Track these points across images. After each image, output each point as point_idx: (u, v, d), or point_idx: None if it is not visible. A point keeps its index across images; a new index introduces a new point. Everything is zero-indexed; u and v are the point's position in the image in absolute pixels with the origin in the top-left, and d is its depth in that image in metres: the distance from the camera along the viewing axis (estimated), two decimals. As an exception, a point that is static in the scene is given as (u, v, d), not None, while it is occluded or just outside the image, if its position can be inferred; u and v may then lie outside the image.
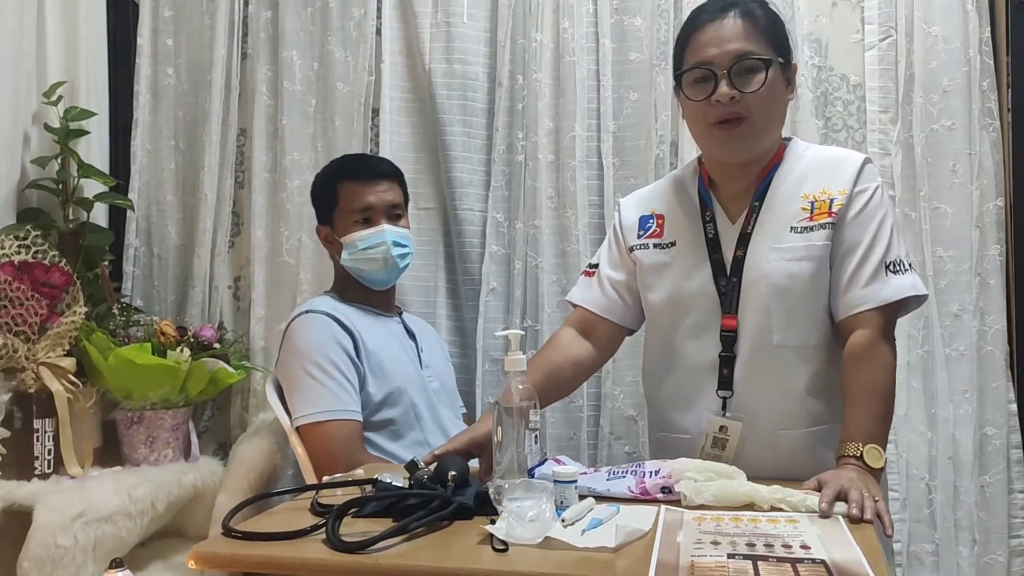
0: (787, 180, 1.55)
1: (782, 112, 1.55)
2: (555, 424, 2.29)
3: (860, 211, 1.50)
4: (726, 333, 1.54)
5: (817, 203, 1.51)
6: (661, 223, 1.65)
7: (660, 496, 1.31)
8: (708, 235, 1.58)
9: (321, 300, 1.99)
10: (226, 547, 1.13)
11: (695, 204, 1.62)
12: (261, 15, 2.50)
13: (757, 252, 1.52)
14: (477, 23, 2.41)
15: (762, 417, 1.52)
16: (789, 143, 1.61)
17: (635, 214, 1.69)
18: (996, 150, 2.18)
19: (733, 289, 1.53)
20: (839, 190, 1.51)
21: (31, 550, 1.69)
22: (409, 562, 1.05)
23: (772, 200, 1.54)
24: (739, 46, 1.47)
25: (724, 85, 1.47)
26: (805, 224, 1.51)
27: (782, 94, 1.53)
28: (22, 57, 2.19)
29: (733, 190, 1.58)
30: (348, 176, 2.03)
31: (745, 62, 1.47)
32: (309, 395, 1.82)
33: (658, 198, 1.69)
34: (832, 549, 1.03)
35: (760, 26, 1.49)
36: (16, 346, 1.89)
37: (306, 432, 1.82)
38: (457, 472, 1.29)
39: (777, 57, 1.49)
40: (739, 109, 1.47)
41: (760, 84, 1.46)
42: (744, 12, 1.49)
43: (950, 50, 2.19)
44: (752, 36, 1.48)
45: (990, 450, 2.15)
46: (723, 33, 1.49)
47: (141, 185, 2.53)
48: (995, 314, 2.16)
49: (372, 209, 1.99)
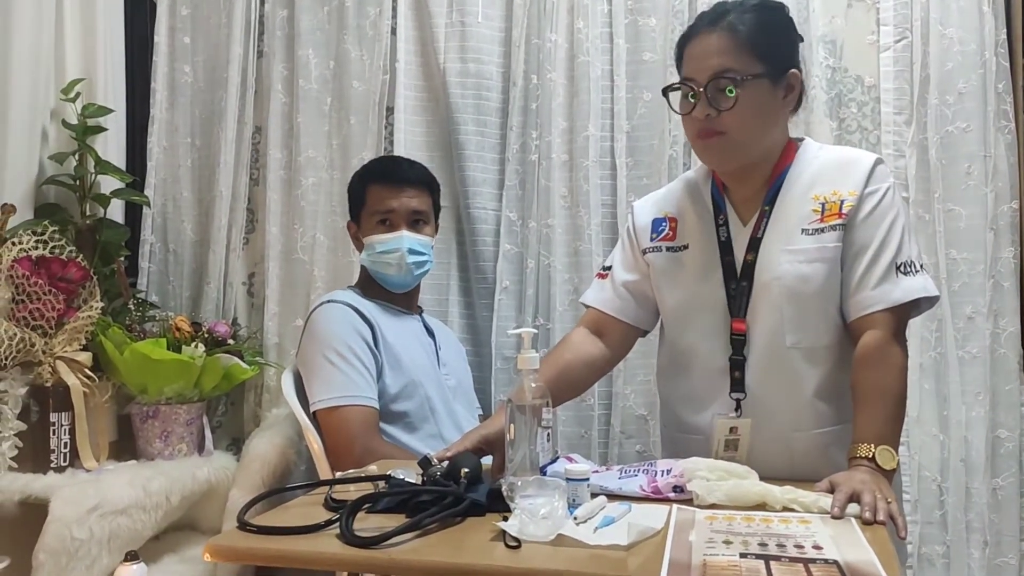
0: (798, 182, 1.55)
1: (772, 121, 1.53)
2: (566, 422, 2.29)
3: (871, 212, 1.49)
4: (736, 336, 1.53)
5: (828, 204, 1.51)
6: (674, 226, 1.65)
7: (672, 495, 1.31)
8: (720, 238, 1.58)
9: (343, 292, 2.02)
10: (241, 541, 1.14)
11: (708, 207, 1.62)
12: (277, 14, 2.52)
13: (768, 255, 1.52)
14: (492, 23, 2.42)
15: (776, 419, 1.52)
16: (801, 144, 1.60)
17: (648, 217, 1.69)
18: (1011, 152, 2.17)
19: (743, 293, 1.53)
20: (850, 191, 1.50)
21: (47, 542, 1.71)
22: (422, 558, 1.05)
23: (783, 202, 1.54)
24: (717, 63, 1.46)
25: (700, 103, 1.48)
26: (816, 226, 1.50)
27: (769, 104, 1.50)
28: (41, 54, 2.21)
29: (744, 193, 1.58)
30: (377, 178, 2.04)
31: (721, 80, 1.46)
32: (327, 380, 1.85)
33: (671, 201, 1.69)
34: (845, 550, 1.03)
35: (742, 40, 1.47)
36: (33, 340, 1.91)
37: (323, 416, 1.84)
38: (470, 469, 1.29)
39: (764, 69, 1.47)
40: (715, 125, 1.48)
41: (733, 103, 1.46)
42: (731, 25, 1.48)
43: (966, 52, 2.19)
44: (733, 51, 1.47)
45: (1003, 453, 2.14)
46: (705, 49, 1.49)
47: (157, 182, 2.56)
48: (1009, 316, 2.16)
49: (393, 213, 2.00)
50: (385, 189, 2.01)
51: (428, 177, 2.10)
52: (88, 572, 1.74)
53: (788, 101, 1.54)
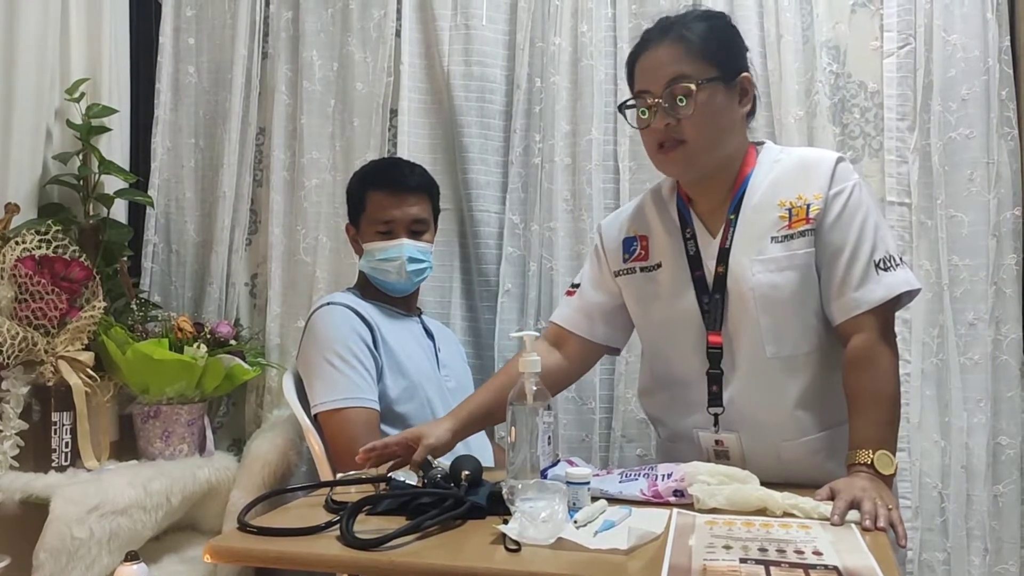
0: (760, 188, 1.53)
1: (730, 125, 1.52)
2: (567, 426, 2.29)
3: (840, 213, 1.48)
4: (712, 350, 1.53)
5: (794, 210, 1.49)
6: (645, 244, 1.64)
7: (672, 499, 1.31)
8: (689, 252, 1.57)
9: (343, 295, 2.01)
10: (241, 542, 1.14)
11: (675, 222, 1.61)
12: (282, 15, 2.52)
13: (739, 266, 1.51)
14: (496, 26, 2.42)
15: (761, 430, 1.52)
16: (762, 148, 1.59)
17: (618, 237, 1.68)
18: (1014, 159, 2.17)
19: (716, 306, 1.52)
20: (814, 194, 1.49)
21: (47, 541, 1.71)
22: (422, 560, 1.06)
23: (747, 210, 1.53)
24: (672, 71, 1.47)
25: (659, 113, 1.48)
26: (785, 233, 1.49)
27: (726, 108, 1.50)
28: (46, 54, 2.21)
29: (709, 204, 1.57)
30: (378, 185, 2.01)
31: (677, 87, 1.46)
32: (328, 383, 1.85)
33: (640, 219, 1.68)
34: (845, 556, 1.04)
35: (695, 47, 1.47)
36: (36, 339, 1.91)
37: (324, 419, 1.84)
38: (470, 472, 1.30)
39: (717, 73, 1.47)
40: (675, 134, 1.48)
41: (692, 108, 1.46)
42: (679, 35, 1.49)
43: (969, 58, 2.19)
44: (685, 58, 1.47)
45: (1004, 460, 2.14)
46: (656, 60, 1.49)
47: (161, 182, 2.57)
48: (1010, 323, 2.15)
49: (394, 223, 1.98)
50: (386, 197, 1.99)
51: (428, 182, 2.08)
52: (88, 572, 1.74)
53: (744, 104, 1.54)
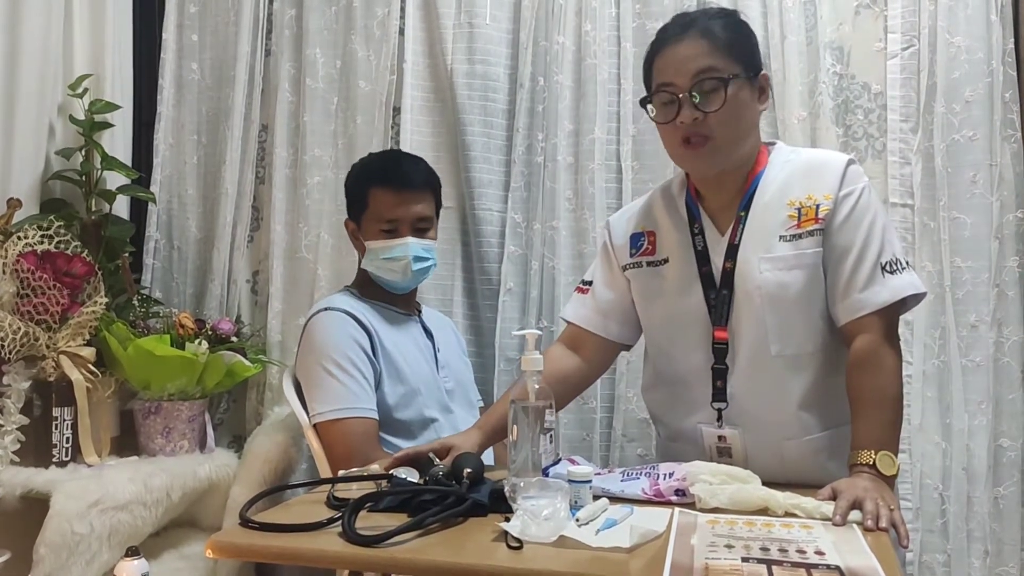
0: (771, 187, 1.54)
1: (751, 123, 1.54)
2: (568, 425, 2.29)
3: (848, 215, 1.48)
4: (718, 345, 1.53)
5: (804, 209, 1.50)
6: (653, 240, 1.65)
7: (674, 498, 1.31)
8: (697, 248, 1.57)
9: (340, 298, 1.97)
10: (243, 538, 1.14)
11: (683, 217, 1.61)
12: (285, 12, 2.52)
13: (747, 263, 1.52)
14: (500, 24, 2.42)
15: (764, 428, 1.52)
16: (773, 148, 1.60)
17: (626, 233, 1.69)
18: (1017, 161, 2.17)
19: (724, 302, 1.53)
20: (824, 195, 1.50)
21: (47, 536, 1.71)
22: (424, 557, 1.06)
23: (758, 209, 1.53)
24: (698, 66, 1.46)
25: (686, 107, 1.47)
26: (793, 232, 1.50)
27: (749, 106, 1.51)
28: (49, 49, 2.21)
29: (719, 201, 1.58)
30: (381, 182, 1.95)
31: (705, 82, 1.46)
32: (326, 392, 1.83)
33: (648, 215, 1.68)
34: (847, 556, 1.04)
35: (720, 42, 1.48)
36: (37, 335, 1.91)
37: (323, 429, 1.82)
38: (472, 469, 1.30)
39: (741, 71, 1.48)
40: (702, 129, 1.47)
41: (721, 103, 1.46)
42: (703, 30, 1.49)
43: (973, 60, 2.18)
44: (711, 53, 1.47)
45: (1005, 462, 2.14)
46: (682, 54, 1.49)
47: (163, 178, 2.56)
48: (1013, 325, 2.15)
49: (399, 222, 1.93)
50: (390, 195, 1.93)
51: (430, 177, 2.03)
52: (88, 567, 1.74)
53: (763, 103, 1.55)
